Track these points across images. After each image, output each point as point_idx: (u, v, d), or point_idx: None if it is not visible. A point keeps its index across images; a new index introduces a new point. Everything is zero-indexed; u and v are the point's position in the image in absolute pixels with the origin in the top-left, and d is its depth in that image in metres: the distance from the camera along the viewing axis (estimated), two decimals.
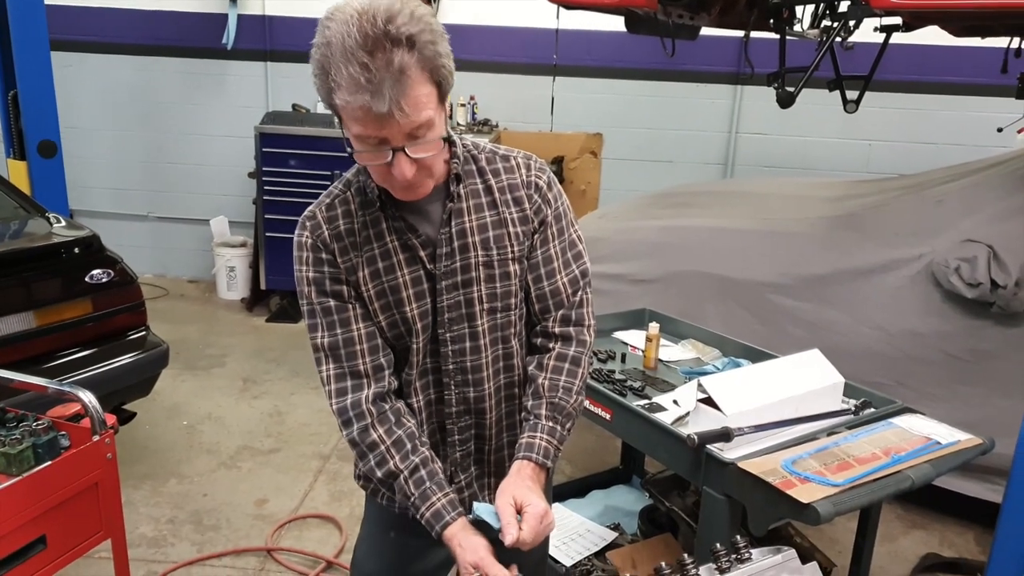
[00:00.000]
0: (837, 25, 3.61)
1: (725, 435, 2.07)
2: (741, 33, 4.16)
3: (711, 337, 3.05)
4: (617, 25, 4.47)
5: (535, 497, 1.44)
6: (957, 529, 3.52)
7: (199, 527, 3.44)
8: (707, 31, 4.58)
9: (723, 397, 2.15)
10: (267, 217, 5.89)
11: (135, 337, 3.66)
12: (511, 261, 1.55)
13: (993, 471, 3.15)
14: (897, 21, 3.75)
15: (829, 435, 2.18)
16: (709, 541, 1.25)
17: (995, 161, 4.08)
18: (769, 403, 2.19)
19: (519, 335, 1.62)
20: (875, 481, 1.95)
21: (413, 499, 1.50)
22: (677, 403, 2.45)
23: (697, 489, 2.56)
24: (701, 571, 1.17)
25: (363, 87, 1.24)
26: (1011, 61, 4.05)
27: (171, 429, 4.30)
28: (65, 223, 3.74)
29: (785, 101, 3.71)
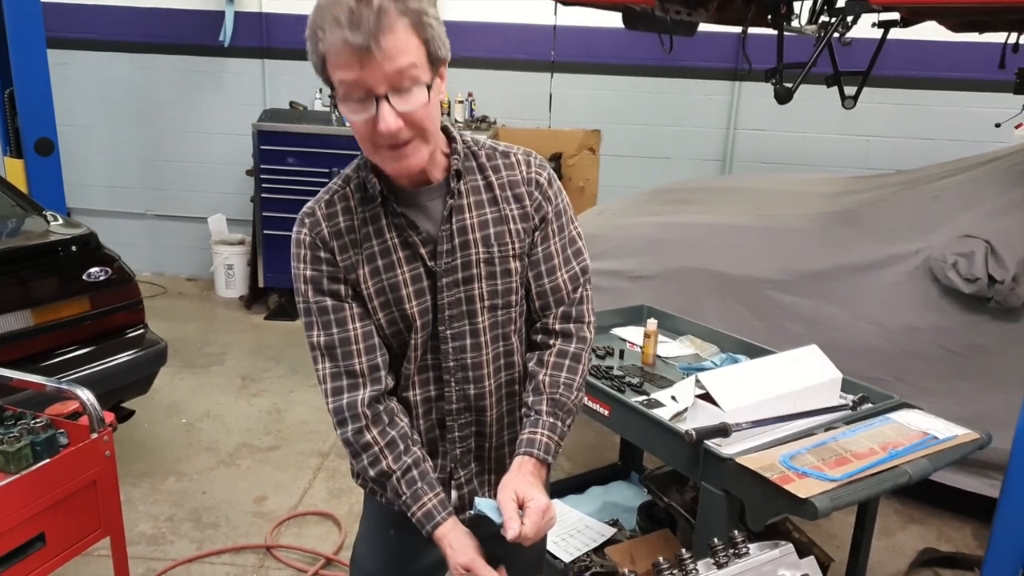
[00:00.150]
0: (835, 21, 3.60)
1: (723, 431, 2.07)
2: (739, 29, 4.15)
3: (709, 333, 3.05)
4: (615, 21, 4.47)
5: (537, 492, 1.44)
6: (954, 524, 3.53)
7: (198, 524, 3.44)
8: (705, 27, 4.58)
9: (721, 393, 2.15)
10: (265, 215, 5.89)
11: (133, 335, 3.66)
12: (512, 258, 1.55)
13: (990, 466, 3.15)
14: (895, 16, 3.76)
15: (827, 430, 2.19)
16: (707, 536, 1.25)
17: (993, 156, 4.08)
18: (767, 399, 2.20)
19: (519, 332, 1.62)
20: (872, 476, 1.95)
21: (405, 498, 1.51)
22: (675, 399, 2.46)
23: (695, 485, 2.56)
24: (699, 566, 1.16)
25: (343, 24, 1.26)
26: (1009, 56, 4.05)
27: (170, 427, 4.30)
28: (62, 221, 3.74)
29: (783, 97, 3.71)
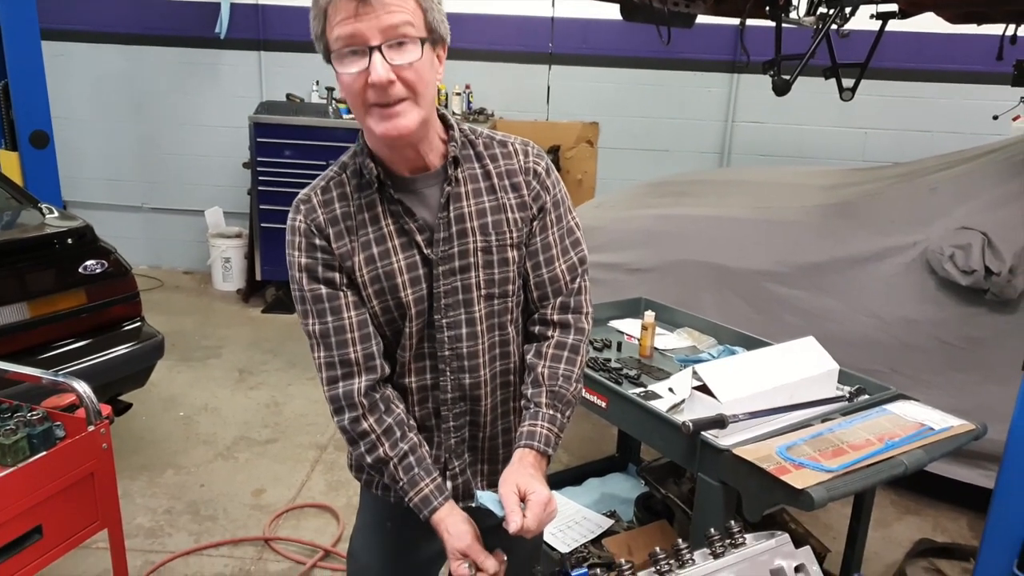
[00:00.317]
0: (833, 12, 3.60)
1: (720, 422, 2.07)
2: (737, 21, 4.14)
3: (707, 325, 3.06)
4: (613, 13, 4.46)
5: (538, 484, 1.44)
6: (950, 515, 3.54)
7: (196, 517, 3.44)
8: (703, 19, 4.58)
9: (718, 384, 2.15)
10: (262, 207, 5.88)
11: (130, 328, 3.66)
12: (509, 247, 1.54)
13: (986, 457, 3.17)
14: (893, 8, 3.74)
15: (823, 421, 2.19)
16: (704, 527, 1.25)
17: (990, 149, 4.08)
18: (764, 390, 2.20)
19: (516, 322, 1.61)
20: (869, 467, 1.95)
21: (402, 484, 1.51)
22: (672, 391, 2.46)
23: (692, 476, 2.57)
24: (696, 556, 1.17)
25: None
26: (1006, 48, 4.04)
27: (167, 420, 4.30)
28: (58, 214, 3.73)
29: (781, 89, 3.70)
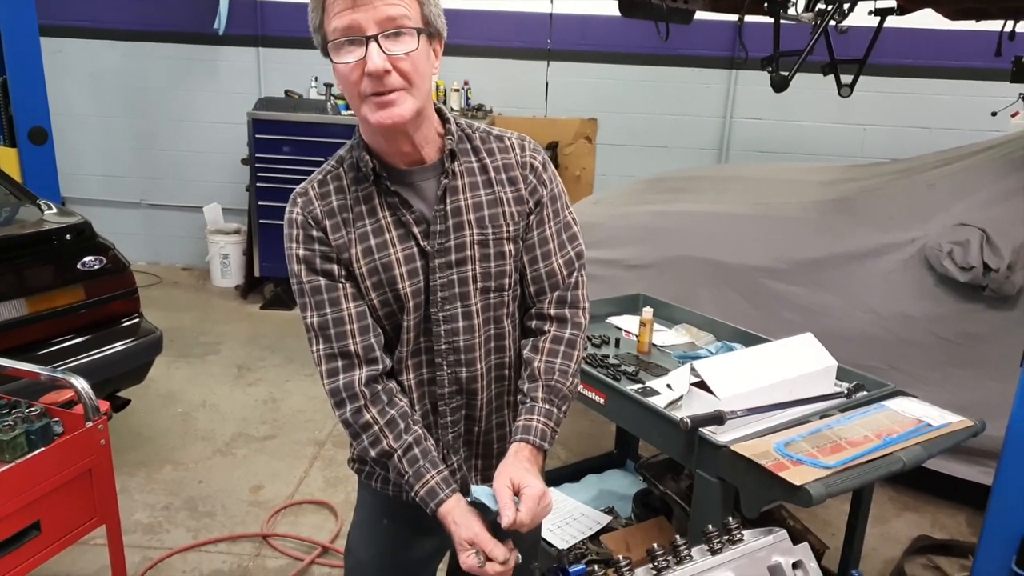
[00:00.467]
0: (831, 8, 3.60)
1: (718, 418, 2.07)
2: (735, 17, 4.14)
3: (705, 322, 3.05)
4: (611, 9, 4.45)
5: (533, 478, 1.44)
6: (949, 511, 3.55)
7: (194, 513, 3.44)
8: (701, 15, 4.57)
9: (716, 381, 2.15)
10: (260, 204, 5.88)
11: (128, 324, 3.66)
12: (506, 240, 1.55)
13: (984, 453, 3.17)
14: (891, 4, 3.75)
15: (822, 418, 2.19)
16: (702, 524, 1.25)
17: (988, 145, 4.08)
18: (762, 386, 2.20)
19: (512, 316, 1.62)
20: (867, 463, 1.95)
21: (407, 477, 1.50)
22: (670, 387, 2.46)
23: (690, 473, 2.57)
24: (693, 552, 1.17)
25: None
26: (1005, 44, 4.04)
27: (166, 416, 4.30)
28: (56, 210, 3.72)
29: (779, 85, 3.70)
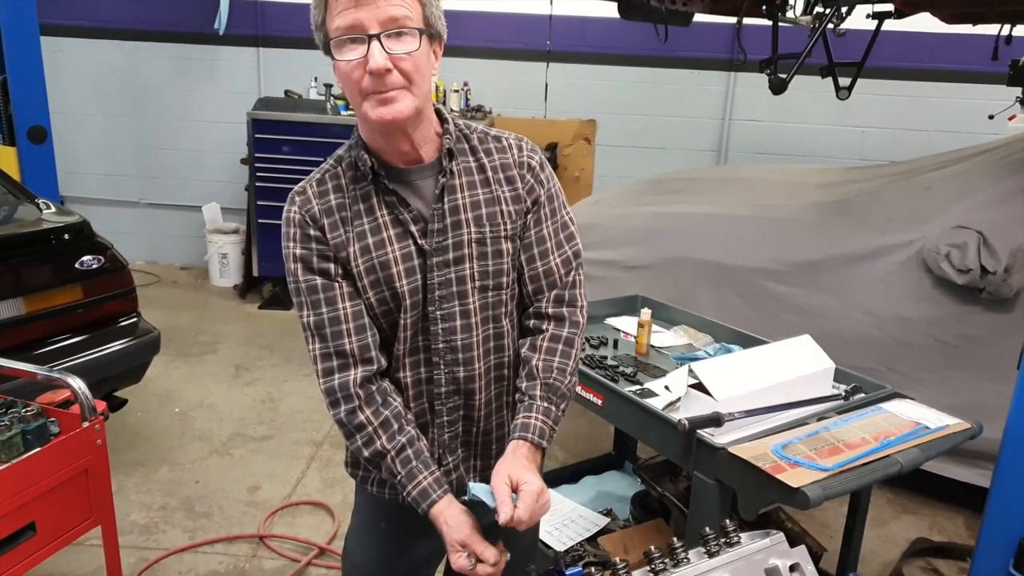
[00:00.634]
0: (829, 12, 3.60)
1: (716, 420, 2.07)
2: (734, 19, 4.14)
3: (703, 323, 3.05)
4: (610, 11, 4.46)
5: (531, 476, 1.44)
6: (947, 514, 3.55)
7: (191, 514, 3.44)
8: (700, 17, 4.58)
9: (714, 383, 2.15)
10: (260, 203, 5.87)
11: (126, 324, 3.65)
12: (504, 239, 1.55)
13: (982, 456, 3.16)
14: (889, 8, 3.75)
15: (819, 420, 2.19)
16: (700, 526, 1.25)
17: (986, 148, 4.09)
18: (760, 388, 2.20)
19: (510, 316, 1.62)
20: (864, 466, 1.95)
21: (400, 478, 1.51)
22: (668, 389, 2.46)
23: (689, 474, 2.57)
24: (691, 555, 1.17)
25: None
26: (1001, 48, 4.06)
27: (163, 416, 4.29)
28: (55, 209, 3.72)
29: (777, 87, 3.70)
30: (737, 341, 2.88)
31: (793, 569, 1.17)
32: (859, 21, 3.90)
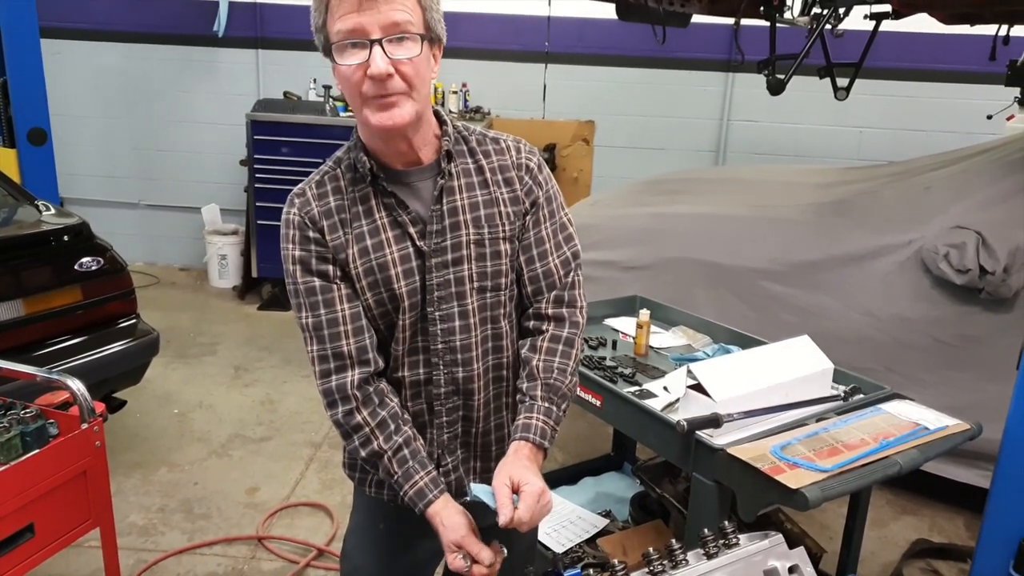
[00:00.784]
0: (827, 12, 3.60)
1: (714, 421, 2.07)
2: (732, 20, 4.14)
3: (702, 324, 3.06)
4: (608, 12, 4.46)
5: (532, 476, 1.43)
6: (947, 515, 3.55)
7: (190, 516, 3.44)
8: (698, 18, 4.58)
9: (713, 383, 2.15)
10: (259, 205, 5.87)
11: (125, 325, 3.65)
12: (502, 240, 1.56)
13: (982, 456, 3.16)
14: (887, 8, 3.75)
15: (818, 421, 2.19)
16: (699, 527, 1.25)
17: (984, 148, 4.09)
18: (758, 389, 2.20)
19: (509, 317, 1.62)
20: (863, 466, 1.95)
21: (396, 478, 1.51)
22: (667, 389, 2.46)
23: (688, 475, 2.57)
24: (689, 556, 1.17)
25: None
26: (999, 49, 4.06)
27: (162, 417, 4.29)
28: (54, 211, 3.72)
29: (775, 88, 3.71)
30: (736, 342, 2.88)
31: (792, 571, 1.17)
32: (857, 22, 3.90)
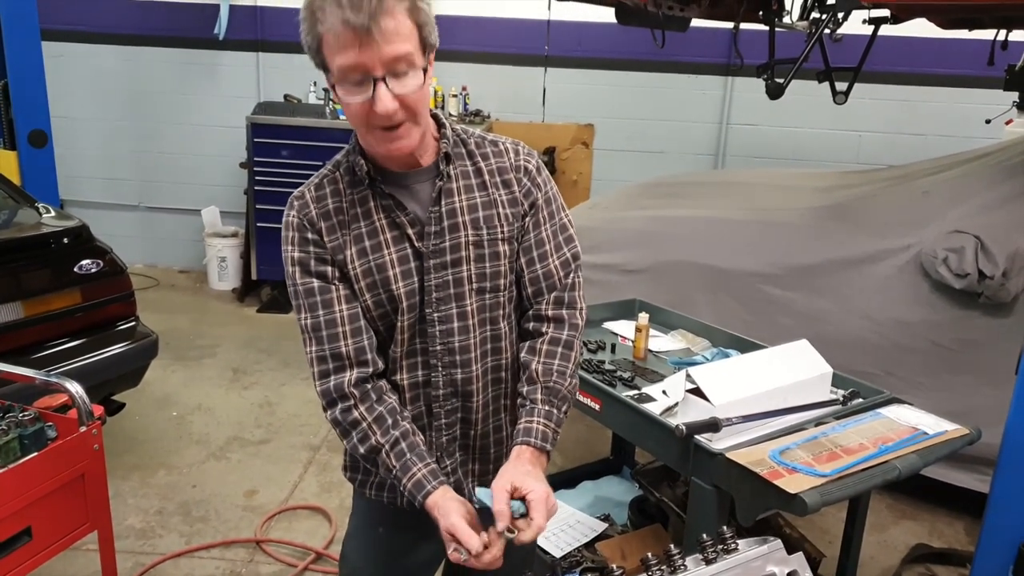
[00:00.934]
0: (826, 17, 3.61)
1: (713, 425, 2.07)
2: (731, 25, 4.15)
3: (701, 327, 3.06)
4: (608, 17, 4.47)
5: (534, 482, 1.43)
6: (947, 519, 3.54)
7: (188, 518, 3.43)
8: (697, 22, 4.58)
9: (711, 387, 2.15)
10: (259, 207, 5.88)
11: (124, 327, 3.65)
12: (501, 241, 1.56)
13: (982, 461, 3.16)
14: (885, 13, 3.76)
15: (817, 425, 2.19)
16: (698, 531, 1.25)
17: (983, 152, 4.09)
18: (757, 393, 2.19)
19: (508, 318, 1.62)
20: (862, 471, 1.95)
21: (395, 471, 1.50)
22: (666, 393, 2.46)
23: (687, 480, 2.57)
24: (688, 562, 1.17)
25: (344, 5, 1.30)
26: (998, 53, 4.07)
27: (160, 420, 4.29)
28: (54, 213, 3.72)
29: (774, 92, 3.71)
30: (735, 345, 2.88)
31: None
32: (855, 26, 3.90)
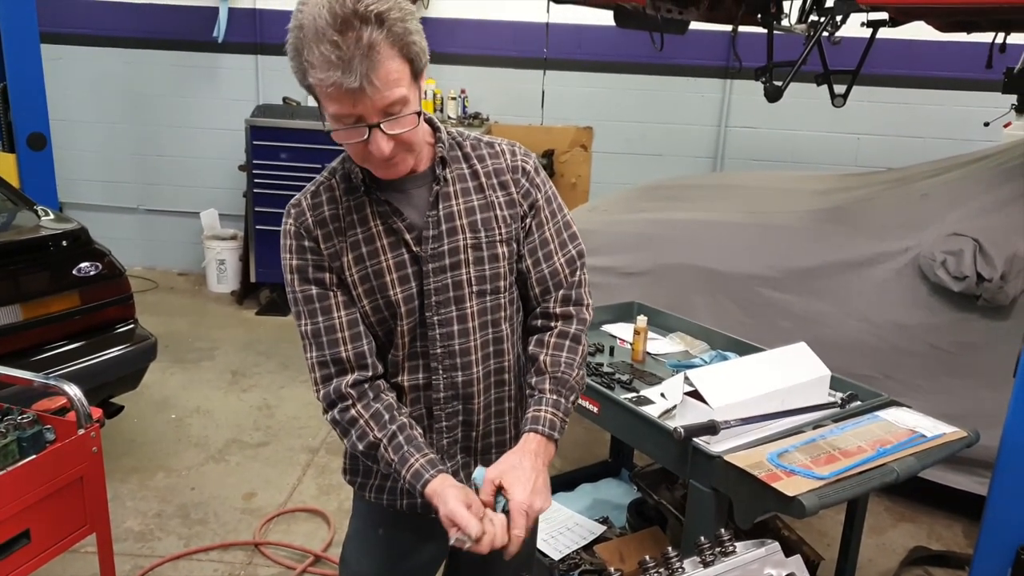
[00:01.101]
0: (824, 20, 3.61)
1: (711, 428, 2.07)
2: (729, 27, 4.15)
3: (699, 330, 3.06)
4: (607, 19, 4.47)
5: (519, 487, 1.42)
6: (945, 522, 3.55)
7: (186, 521, 3.43)
8: (696, 25, 4.58)
9: (710, 390, 2.15)
10: (257, 210, 5.88)
11: (123, 330, 3.65)
12: (499, 243, 1.56)
13: (980, 463, 3.16)
14: (884, 16, 3.77)
15: (815, 428, 2.19)
16: (696, 534, 1.25)
17: (981, 155, 4.10)
18: (755, 396, 2.20)
19: (510, 320, 1.62)
20: (860, 474, 1.96)
21: (394, 465, 1.50)
22: (664, 396, 2.46)
23: (685, 482, 2.57)
24: (686, 564, 1.17)
25: (334, 64, 1.26)
26: (996, 56, 4.07)
27: (159, 422, 4.29)
28: (53, 216, 3.72)
29: (773, 95, 3.72)
30: (733, 348, 2.89)
31: None
32: (854, 29, 3.90)
